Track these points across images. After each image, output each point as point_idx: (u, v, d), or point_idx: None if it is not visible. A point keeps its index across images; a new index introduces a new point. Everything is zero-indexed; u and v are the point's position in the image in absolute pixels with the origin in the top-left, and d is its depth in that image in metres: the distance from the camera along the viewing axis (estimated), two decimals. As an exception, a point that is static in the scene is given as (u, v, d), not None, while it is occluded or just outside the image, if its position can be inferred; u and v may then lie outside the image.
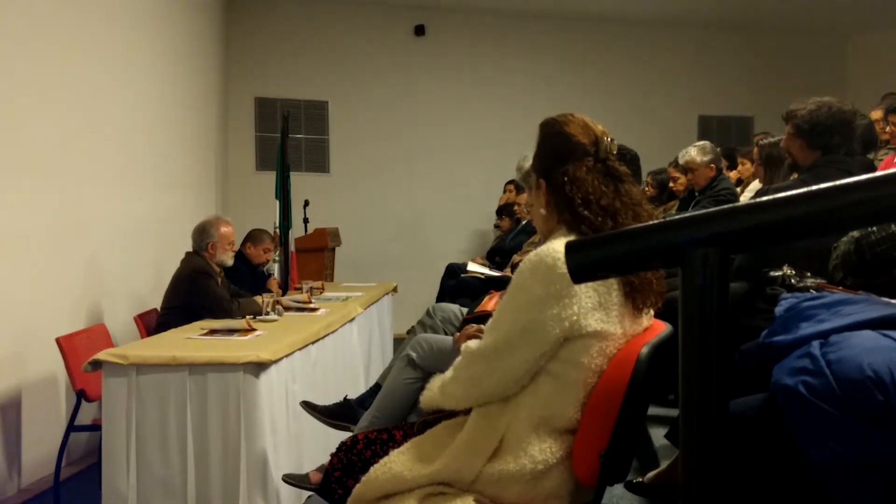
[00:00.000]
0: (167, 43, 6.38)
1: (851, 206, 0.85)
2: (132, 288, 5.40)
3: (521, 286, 1.78)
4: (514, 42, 9.09)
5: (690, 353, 0.93)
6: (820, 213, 0.86)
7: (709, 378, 0.92)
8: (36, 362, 4.08)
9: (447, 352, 2.70)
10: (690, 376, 0.94)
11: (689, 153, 4.84)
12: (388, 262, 8.55)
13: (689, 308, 0.92)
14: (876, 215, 0.93)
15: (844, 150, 3.09)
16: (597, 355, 1.78)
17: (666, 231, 0.95)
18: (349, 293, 5.43)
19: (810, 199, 0.85)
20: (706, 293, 0.91)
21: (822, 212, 0.86)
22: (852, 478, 1.52)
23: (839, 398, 1.52)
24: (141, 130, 5.71)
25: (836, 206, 0.85)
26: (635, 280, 1.81)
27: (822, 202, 0.85)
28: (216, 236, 4.44)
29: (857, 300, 1.81)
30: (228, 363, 3.11)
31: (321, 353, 3.94)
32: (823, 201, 0.85)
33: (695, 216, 0.91)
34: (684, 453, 0.95)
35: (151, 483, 3.11)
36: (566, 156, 1.88)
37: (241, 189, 8.44)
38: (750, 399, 1.80)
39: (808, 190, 0.85)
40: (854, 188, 0.83)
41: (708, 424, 0.92)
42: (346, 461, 2.14)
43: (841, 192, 0.84)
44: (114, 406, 3.11)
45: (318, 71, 8.71)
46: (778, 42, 9.47)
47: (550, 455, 1.76)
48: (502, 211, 7.91)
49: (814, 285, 2.17)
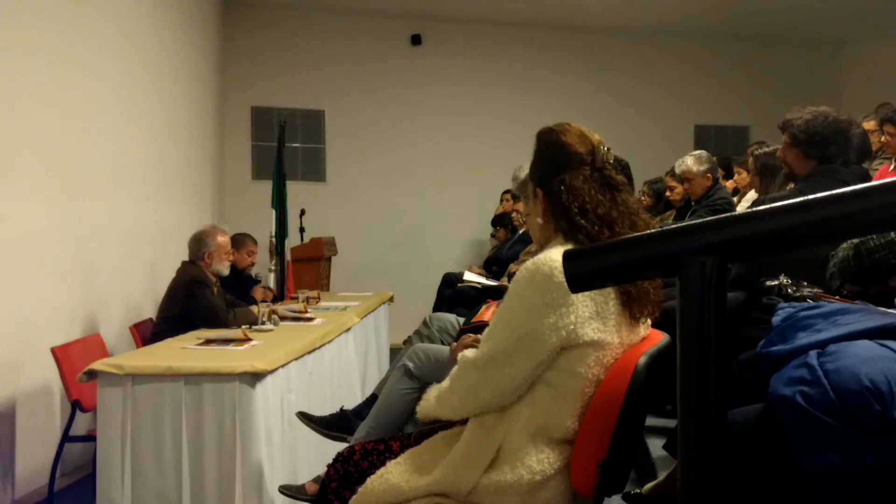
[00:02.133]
0: (163, 52, 6.38)
1: (849, 216, 0.84)
2: (128, 297, 5.38)
3: (517, 295, 1.78)
4: (511, 51, 9.11)
5: (688, 362, 0.92)
6: (818, 223, 0.86)
7: (707, 387, 0.92)
8: (31, 372, 4.06)
9: (444, 362, 2.70)
10: (688, 385, 0.93)
11: (685, 162, 4.85)
12: (384, 271, 8.55)
13: (687, 317, 0.92)
14: (874, 224, 0.93)
15: (840, 160, 3.10)
16: (594, 365, 1.77)
17: (663, 240, 0.95)
18: (345, 303, 5.42)
19: (808, 209, 0.85)
20: (704, 302, 0.91)
21: (820, 221, 0.86)
22: (849, 488, 1.52)
23: (837, 408, 1.52)
24: (137, 140, 5.71)
25: (834, 215, 0.85)
26: (632, 289, 1.80)
27: (820, 211, 0.85)
28: (213, 246, 4.43)
29: (855, 310, 1.81)
30: (224, 373, 3.10)
31: (317, 363, 3.93)
32: (821, 210, 0.85)
33: (692, 225, 0.91)
34: (682, 464, 0.94)
35: (146, 494, 3.09)
36: (563, 165, 1.88)
37: (237, 198, 8.44)
38: (747, 409, 1.80)
39: (806, 199, 0.85)
40: (852, 197, 0.83)
41: (706, 434, 0.92)
42: (342, 472, 2.12)
43: (839, 202, 0.84)
44: (109, 416, 3.09)
45: (314, 80, 8.72)
46: (773, 52, 9.51)
47: (548, 465, 1.75)
48: (497, 221, 7.91)
49: (810, 295, 2.17)
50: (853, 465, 1.49)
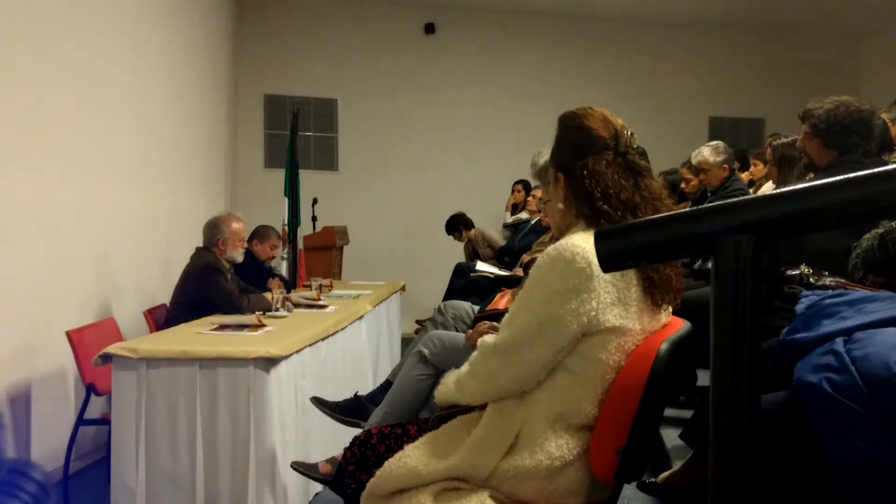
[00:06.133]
0: (178, 39, 6.38)
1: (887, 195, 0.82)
2: (142, 283, 5.40)
3: (539, 280, 1.76)
4: (524, 40, 9.07)
5: (722, 343, 0.90)
6: (859, 201, 0.84)
7: (740, 370, 0.90)
8: (46, 356, 4.07)
9: (459, 348, 2.70)
10: (722, 367, 0.91)
11: (702, 153, 4.81)
12: (395, 260, 8.55)
13: (721, 297, 0.90)
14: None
15: (861, 151, 3.06)
16: (615, 351, 1.75)
17: (698, 219, 0.93)
18: (358, 291, 5.42)
19: (851, 186, 0.83)
20: (738, 282, 0.89)
21: (862, 199, 0.84)
22: (876, 476, 1.50)
23: (865, 395, 1.50)
24: (151, 127, 5.72)
25: (877, 193, 0.83)
26: (655, 276, 1.78)
27: (862, 189, 0.83)
28: (227, 232, 4.43)
29: (881, 297, 1.78)
30: (239, 358, 3.11)
31: (330, 349, 3.93)
32: (863, 188, 0.83)
33: (727, 203, 0.89)
34: (714, 449, 0.92)
35: (160, 477, 3.10)
36: (586, 149, 1.86)
37: (249, 186, 8.45)
38: (770, 396, 1.78)
39: (847, 177, 0.82)
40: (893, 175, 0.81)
41: (739, 418, 0.90)
42: (359, 455, 2.12)
43: (882, 179, 0.81)
44: (123, 400, 3.10)
45: (327, 69, 8.71)
46: (790, 43, 9.43)
47: (567, 451, 1.74)
48: (451, 226, 7.75)
49: (833, 283, 2.14)
50: (880, 453, 1.47)
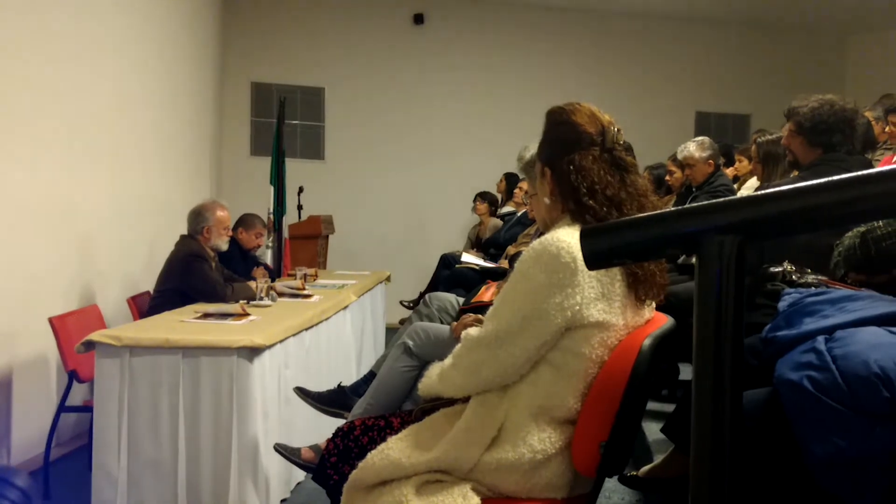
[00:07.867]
0: (164, 25, 6.32)
1: (878, 196, 0.83)
2: (125, 270, 5.36)
3: (524, 274, 1.76)
4: (513, 32, 9.05)
5: (705, 341, 0.91)
6: (843, 203, 0.85)
7: (722, 368, 0.91)
8: (28, 342, 4.04)
9: (444, 341, 2.70)
10: (704, 366, 0.92)
11: (687, 148, 4.83)
12: (381, 250, 8.53)
13: (705, 296, 0.91)
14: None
15: (845, 149, 3.09)
16: (598, 346, 1.76)
17: (683, 218, 0.93)
18: (343, 281, 5.41)
19: (834, 189, 0.84)
20: (722, 282, 0.90)
21: (846, 202, 0.84)
22: (856, 473, 1.52)
23: (845, 394, 1.52)
24: (136, 112, 5.66)
25: (861, 196, 0.83)
26: (639, 272, 1.79)
27: (846, 192, 0.84)
28: (212, 220, 4.41)
29: (862, 296, 1.80)
30: (222, 347, 3.10)
31: (314, 339, 3.93)
32: (848, 191, 0.84)
33: (712, 204, 0.90)
34: (696, 444, 0.93)
35: (142, 464, 3.10)
36: (572, 144, 1.86)
37: (235, 174, 8.40)
38: (751, 393, 1.79)
39: (831, 179, 0.83)
40: (881, 178, 0.81)
41: (721, 414, 0.91)
42: (342, 447, 2.12)
43: (867, 182, 0.82)
44: (106, 387, 3.09)
45: (315, 57, 8.66)
46: (777, 40, 9.46)
47: (549, 445, 1.75)
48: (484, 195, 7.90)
49: (815, 282, 2.16)
50: (860, 451, 1.49)
